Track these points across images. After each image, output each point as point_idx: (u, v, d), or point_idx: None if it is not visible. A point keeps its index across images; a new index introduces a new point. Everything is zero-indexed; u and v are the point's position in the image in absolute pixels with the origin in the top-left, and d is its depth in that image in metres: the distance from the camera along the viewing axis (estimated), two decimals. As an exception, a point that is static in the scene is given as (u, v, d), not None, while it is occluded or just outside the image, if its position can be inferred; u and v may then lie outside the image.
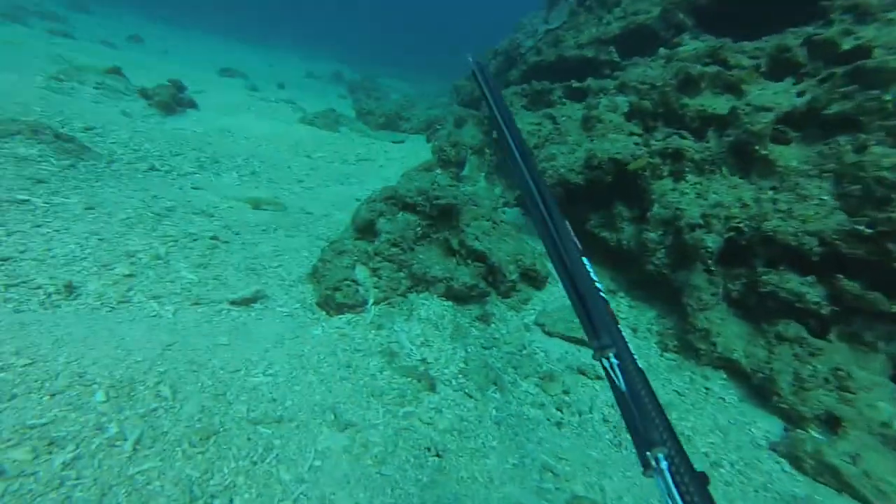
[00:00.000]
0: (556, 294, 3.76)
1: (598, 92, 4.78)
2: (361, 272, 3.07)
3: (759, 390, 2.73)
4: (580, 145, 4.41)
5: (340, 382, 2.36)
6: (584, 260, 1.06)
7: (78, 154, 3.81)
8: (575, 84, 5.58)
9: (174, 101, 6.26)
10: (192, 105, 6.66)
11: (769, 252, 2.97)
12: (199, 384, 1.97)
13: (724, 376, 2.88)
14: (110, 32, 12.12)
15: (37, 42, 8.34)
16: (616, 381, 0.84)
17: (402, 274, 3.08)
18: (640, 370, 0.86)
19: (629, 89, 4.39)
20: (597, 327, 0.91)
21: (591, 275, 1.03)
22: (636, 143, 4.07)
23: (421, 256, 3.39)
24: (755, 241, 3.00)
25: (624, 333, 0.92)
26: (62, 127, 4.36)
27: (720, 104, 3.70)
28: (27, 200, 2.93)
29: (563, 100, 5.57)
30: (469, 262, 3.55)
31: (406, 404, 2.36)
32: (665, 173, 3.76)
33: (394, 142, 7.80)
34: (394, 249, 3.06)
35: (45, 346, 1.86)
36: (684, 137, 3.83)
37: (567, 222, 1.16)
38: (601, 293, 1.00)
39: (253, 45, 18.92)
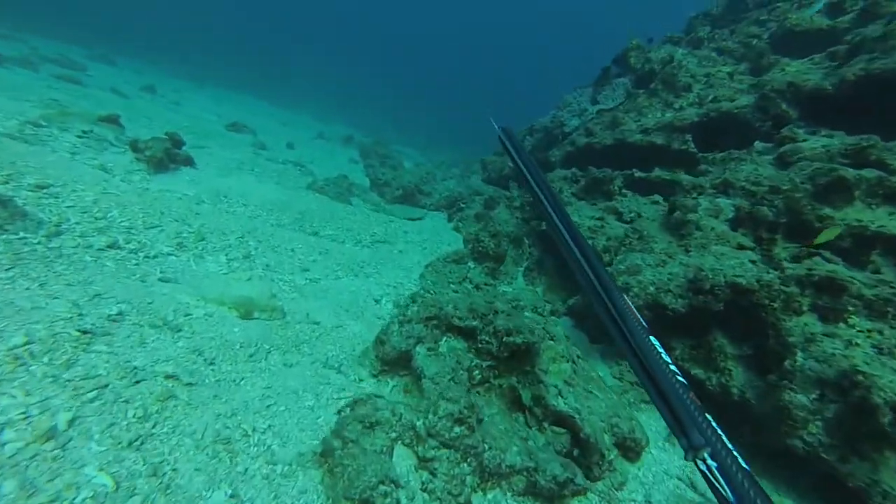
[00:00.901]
0: (654, 468, 2.64)
1: (689, 189, 3.96)
2: (403, 459, 1.88)
3: None
4: (672, 257, 3.47)
5: None
6: (653, 340, 0.85)
7: (4, 223, 2.74)
8: (638, 174, 4.82)
9: (168, 156, 5.35)
10: (189, 162, 5.76)
11: None
12: None
13: None
14: (125, 82, 11.68)
15: (35, 85, 7.64)
16: (719, 489, 0.64)
17: (466, 467, 1.90)
18: (746, 473, 0.65)
19: (736, 190, 3.56)
20: (682, 421, 0.71)
21: (664, 356, 0.82)
22: (752, 261, 3.16)
23: (485, 420, 2.23)
24: None
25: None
26: (4, 183, 3.33)
27: (884, 219, 2.85)
28: None
29: (625, 191, 4.78)
30: (546, 424, 2.42)
31: None
32: (804, 307, 2.79)
33: (411, 219, 6.91)
34: (458, 430, 1.90)
35: None
36: (830, 260, 2.93)
37: (626, 297, 0.91)
38: (678, 377, 0.80)
39: (268, 102, 18.93)
